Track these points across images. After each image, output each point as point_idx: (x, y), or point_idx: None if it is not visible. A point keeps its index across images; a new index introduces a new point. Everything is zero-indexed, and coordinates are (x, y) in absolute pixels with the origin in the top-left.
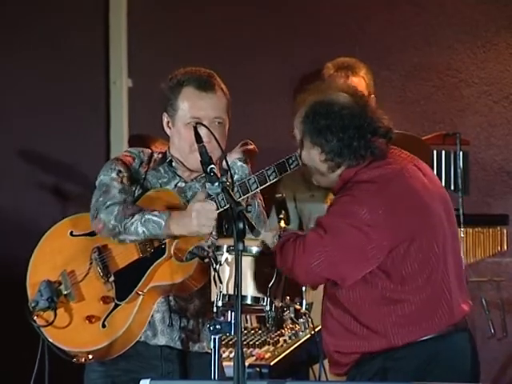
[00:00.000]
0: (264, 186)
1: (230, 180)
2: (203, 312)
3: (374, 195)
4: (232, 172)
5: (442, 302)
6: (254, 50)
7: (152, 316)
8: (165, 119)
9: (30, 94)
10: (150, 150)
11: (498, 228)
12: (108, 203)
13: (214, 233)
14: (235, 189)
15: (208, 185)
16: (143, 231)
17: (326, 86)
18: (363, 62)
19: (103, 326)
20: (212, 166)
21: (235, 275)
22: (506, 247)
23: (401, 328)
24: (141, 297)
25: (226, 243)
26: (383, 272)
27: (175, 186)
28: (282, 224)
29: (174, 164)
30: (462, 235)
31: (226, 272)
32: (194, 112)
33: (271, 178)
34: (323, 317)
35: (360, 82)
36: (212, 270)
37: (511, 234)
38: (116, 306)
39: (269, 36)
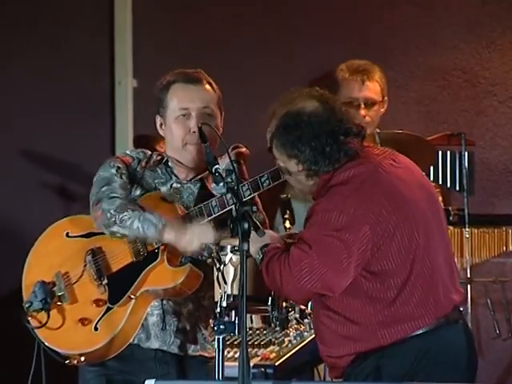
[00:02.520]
0: (257, 192)
1: (234, 179)
2: (197, 316)
3: (348, 197)
4: (226, 175)
5: (428, 295)
6: (254, 50)
7: (146, 319)
8: (158, 121)
9: (35, 95)
10: (149, 152)
11: (503, 228)
12: (111, 195)
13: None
14: (228, 195)
15: (213, 185)
16: (138, 227)
17: (292, 94)
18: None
19: (95, 328)
20: (217, 166)
21: (240, 275)
22: (511, 247)
23: (388, 327)
24: (133, 300)
25: (229, 243)
26: (367, 271)
27: (171, 186)
28: (287, 224)
29: (170, 164)
30: (467, 235)
31: (231, 272)
32: (182, 104)
33: (264, 184)
34: (314, 324)
35: (375, 86)
36: (216, 270)
37: None
38: (108, 309)
39: (269, 36)
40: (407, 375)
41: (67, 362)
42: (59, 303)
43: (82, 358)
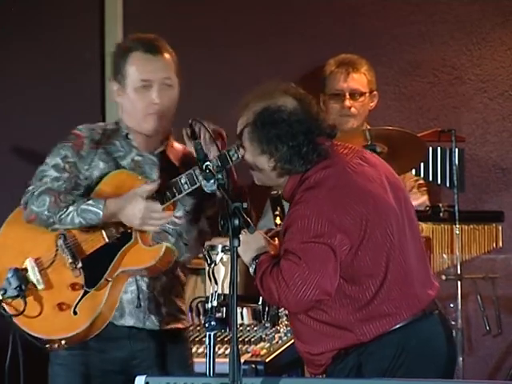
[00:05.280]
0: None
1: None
2: (171, 287)
3: (323, 200)
4: (217, 171)
5: (404, 294)
6: (245, 46)
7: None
8: (114, 87)
9: (24, 91)
10: (103, 125)
11: (493, 225)
12: (36, 193)
13: (177, 214)
14: (197, 171)
15: (203, 182)
16: (79, 221)
17: (269, 88)
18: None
19: (75, 313)
20: (208, 163)
21: (230, 272)
22: (501, 244)
23: (366, 324)
24: (110, 283)
25: (220, 243)
26: (345, 273)
27: (132, 160)
28: (278, 221)
29: (129, 136)
30: (457, 232)
31: (222, 271)
32: (144, 75)
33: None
34: (290, 320)
35: (361, 78)
36: (207, 265)
37: (506, 231)
38: (86, 292)
39: (259, 32)
40: (388, 371)
41: (47, 346)
42: (35, 289)
43: (63, 342)
